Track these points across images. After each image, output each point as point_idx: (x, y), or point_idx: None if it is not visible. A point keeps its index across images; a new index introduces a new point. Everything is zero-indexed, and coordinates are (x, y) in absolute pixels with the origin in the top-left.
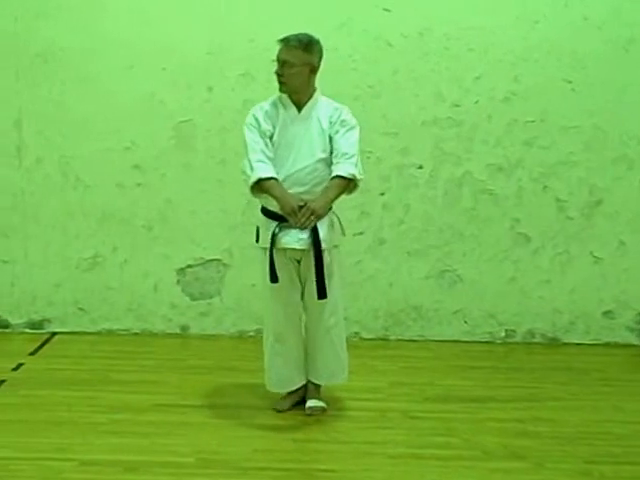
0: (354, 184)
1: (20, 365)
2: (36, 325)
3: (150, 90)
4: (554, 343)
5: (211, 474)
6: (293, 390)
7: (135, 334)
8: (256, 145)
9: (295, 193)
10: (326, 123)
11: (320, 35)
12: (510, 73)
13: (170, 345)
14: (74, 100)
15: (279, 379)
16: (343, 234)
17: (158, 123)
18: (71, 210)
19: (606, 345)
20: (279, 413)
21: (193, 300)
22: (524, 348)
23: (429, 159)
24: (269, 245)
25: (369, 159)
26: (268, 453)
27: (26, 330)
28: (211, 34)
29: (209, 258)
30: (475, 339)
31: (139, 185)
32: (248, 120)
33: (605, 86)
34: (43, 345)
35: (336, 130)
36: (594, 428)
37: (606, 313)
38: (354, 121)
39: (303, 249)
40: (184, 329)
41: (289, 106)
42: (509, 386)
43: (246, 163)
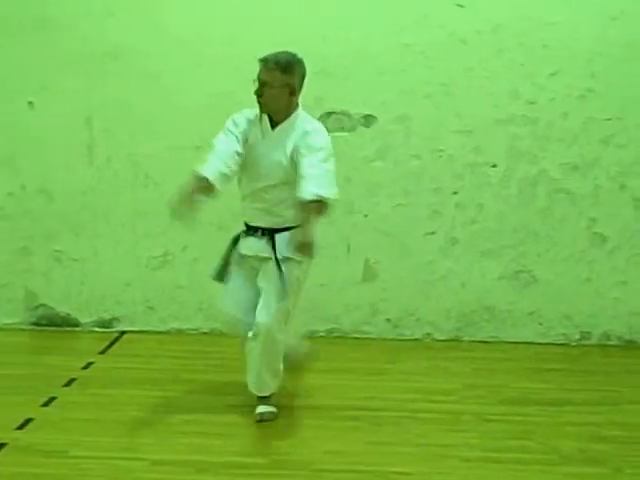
0: (324, 204)
1: (90, 364)
2: (105, 324)
3: (221, 88)
4: (630, 346)
5: (283, 475)
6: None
7: (204, 333)
8: (220, 145)
9: (256, 209)
10: (291, 146)
11: (395, 31)
12: (587, 70)
13: (239, 345)
14: (144, 99)
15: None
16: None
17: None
18: (141, 208)
19: None
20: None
21: None
22: (599, 350)
23: (503, 157)
24: (229, 247)
25: (441, 157)
26: (340, 455)
27: (95, 329)
28: (283, 31)
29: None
30: (549, 341)
31: None
32: (227, 124)
33: None
34: (112, 344)
35: (302, 154)
36: None
37: None
38: (323, 142)
39: (256, 256)
40: None
41: (265, 123)
42: (584, 389)
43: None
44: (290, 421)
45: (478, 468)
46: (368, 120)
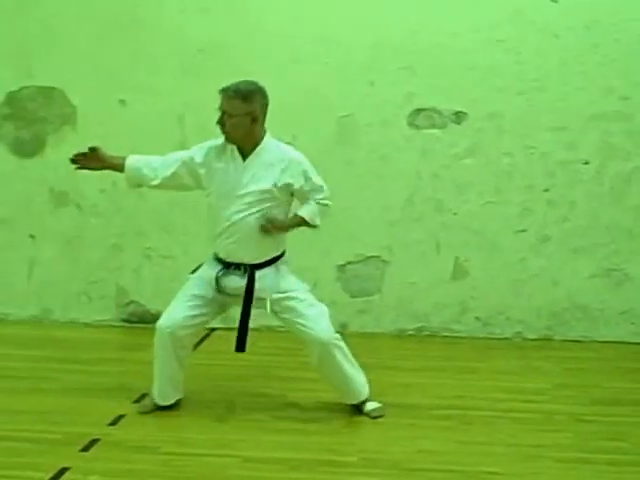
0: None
1: None
2: None
3: (312, 85)
4: None
5: (374, 474)
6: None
7: None
8: (166, 157)
9: (227, 243)
10: (275, 173)
11: (485, 27)
12: None
13: None
14: None
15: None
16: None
17: (320, 118)
18: None
19: None
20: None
21: (352, 297)
22: None
23: (596, 154)
24: (213, 284)
25: (532, 154)
26: (432, 454)
27: None
28: (374, 27)
29: (369, 255)
30: None
31: None
32: (192, 148)
33: None
34: (202, 341)
35: (305, 192)
36: None
37: None
38: (319, 180)
39: (239, 295)
40: (343, 327)
41: (235, 156)
42: None
43: None
44: (381, 420)
45: (571, 469)
46: (459, 117)
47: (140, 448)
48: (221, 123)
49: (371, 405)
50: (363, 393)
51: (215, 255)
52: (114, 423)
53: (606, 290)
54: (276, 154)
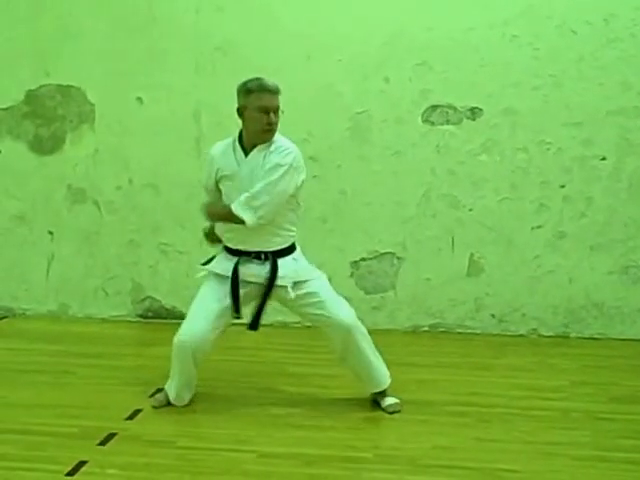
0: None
1: None
2: None
3: (327, 81)
4: None
5: (390, 470)
6: None
7: (307, 327)
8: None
9: (231, 237)
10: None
11: (500, 23)
12: None
13: None
14: None
15: None
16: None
17: (334, 114)
18: None
19: None
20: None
21: (367, 294)
22: None
23: (613, 150)
24: (230, 275)
25: (549, 150)
26: (449, 451)
27: None
28: (387, 23)
29: (383, 251)
30: None
31: (314, 177)
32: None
33: None
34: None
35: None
36: None
37: None
38: (285, 167)
39: (261, 283)
40: None
41: (238, 150)
42: None
43: None
44: (396, 416)
45: (589, 467)
46: (474, 113)
47: (157, 442)
48: (268, 122)
49: (390, 400)
50: (385, 382)
51: (228, 248)
52: (131, 417)
53: (623, 287)
54: (271, 153)
